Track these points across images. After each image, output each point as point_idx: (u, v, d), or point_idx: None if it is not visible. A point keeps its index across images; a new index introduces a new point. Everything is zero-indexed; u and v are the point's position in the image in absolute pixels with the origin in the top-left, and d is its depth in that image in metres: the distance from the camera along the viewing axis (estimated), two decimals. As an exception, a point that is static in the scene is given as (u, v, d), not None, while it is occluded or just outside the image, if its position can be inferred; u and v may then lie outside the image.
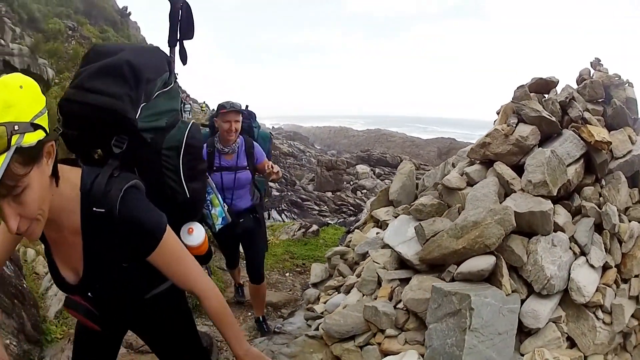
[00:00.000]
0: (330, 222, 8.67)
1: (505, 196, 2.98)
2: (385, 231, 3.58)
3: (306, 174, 17.84)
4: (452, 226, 2.77)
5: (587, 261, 2.74)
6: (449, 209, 3.23)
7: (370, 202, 4.95)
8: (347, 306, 3.10)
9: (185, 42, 1.50)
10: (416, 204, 3.39)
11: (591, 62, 3.70)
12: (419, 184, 4.15)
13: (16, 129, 0.80)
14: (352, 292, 3.35)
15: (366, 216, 4.75)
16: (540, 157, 2.85)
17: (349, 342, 2.85)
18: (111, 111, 1.10)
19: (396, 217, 3.66)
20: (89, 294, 1.20)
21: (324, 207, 12.44)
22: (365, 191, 14.62)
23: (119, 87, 1.12)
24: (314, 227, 6.69)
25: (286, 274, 5.22)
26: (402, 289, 2.89)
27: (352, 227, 5.74)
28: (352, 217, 9.33)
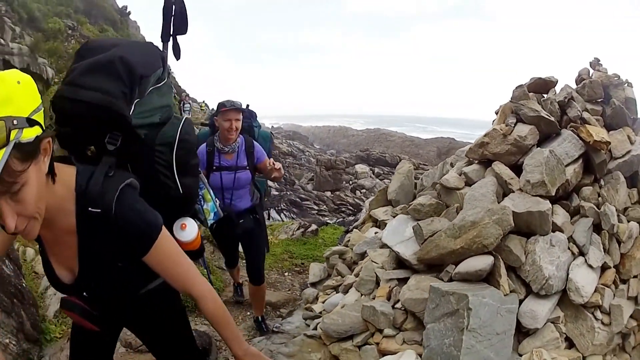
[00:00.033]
0: (329, 221, 8.66)
1: (503, 196, 2.98)
2: (383, 231, 3.58)
3: (305, 174, 17.83)
4: (450, 226, 2.76)
5: (586, 261, 2.73)
6: (447, 209, 3.23)
7: (368, 202, 4.95)
8: (345, 306, 3.09)
9: (179, 38, 1.48)
10: (414, 203, 3.39)
11: (590, 62, 3.69)
12: (417, 183, 4.14)
13: (15, 123, 0.79)
14: (350, 292, 3.34)
15: (365, 216, 4.75)
16: (538, 157, 2.84)
17: (347, 341, 2.85)
18: (105, 108, 1.09)
19: (394, 217, 3.66)
20: (84, 294, 1.19)
21: (323, 206, 12.44)
22: (364, 191, 14.62)
23: (112, 83, 1.11)
24: (313, 227, 6.69)
25: (285, 273, 5.22)
26: (400, 289, 2.89)
27: (351, 226, 5.74)
28: (351, 217, 9.32)
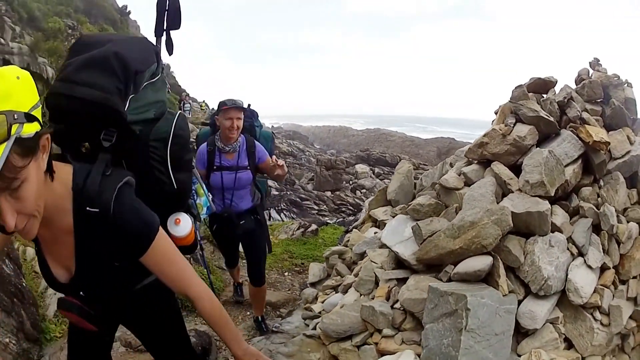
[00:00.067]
0: (329, 221, 8.65)
1: (502, 196, 2.97)
2: (382, 231, 3.58)
3: (305, 174, 17.80)
4: (449, 226, 2.76)
5: (585, 262, 2.72)
6: (446, 209, 3.22)
7: (368, 202, 4.95)
8: (345, 306, 3.09)
9: (173, 33, 1.48)
10: (414, 203, 3.39)
11: (590, 62, 3.69)
12: (417, 183, 4.14)
13: (15, 117, 0.78)
14: (349, 292, 3.34)
15: (364, 216, 4.75)
16: (537, 157, 2.84)
17: (346, 341, 2.85)
18: (100, 104, 1.08)
19: (394, 217, 3.66)
20: (81, 293, 1.19)
21: (323, 206, 12.42)
22: (364, 191, 14.60)
23: (107, 79, 1.10)
24: (313, 227, 6.69)
25: (285, 273, 5.22)
26: (399, 289, 2.89)
27: (350, 226, 5.73)
28: (352, 217, 9.31)
